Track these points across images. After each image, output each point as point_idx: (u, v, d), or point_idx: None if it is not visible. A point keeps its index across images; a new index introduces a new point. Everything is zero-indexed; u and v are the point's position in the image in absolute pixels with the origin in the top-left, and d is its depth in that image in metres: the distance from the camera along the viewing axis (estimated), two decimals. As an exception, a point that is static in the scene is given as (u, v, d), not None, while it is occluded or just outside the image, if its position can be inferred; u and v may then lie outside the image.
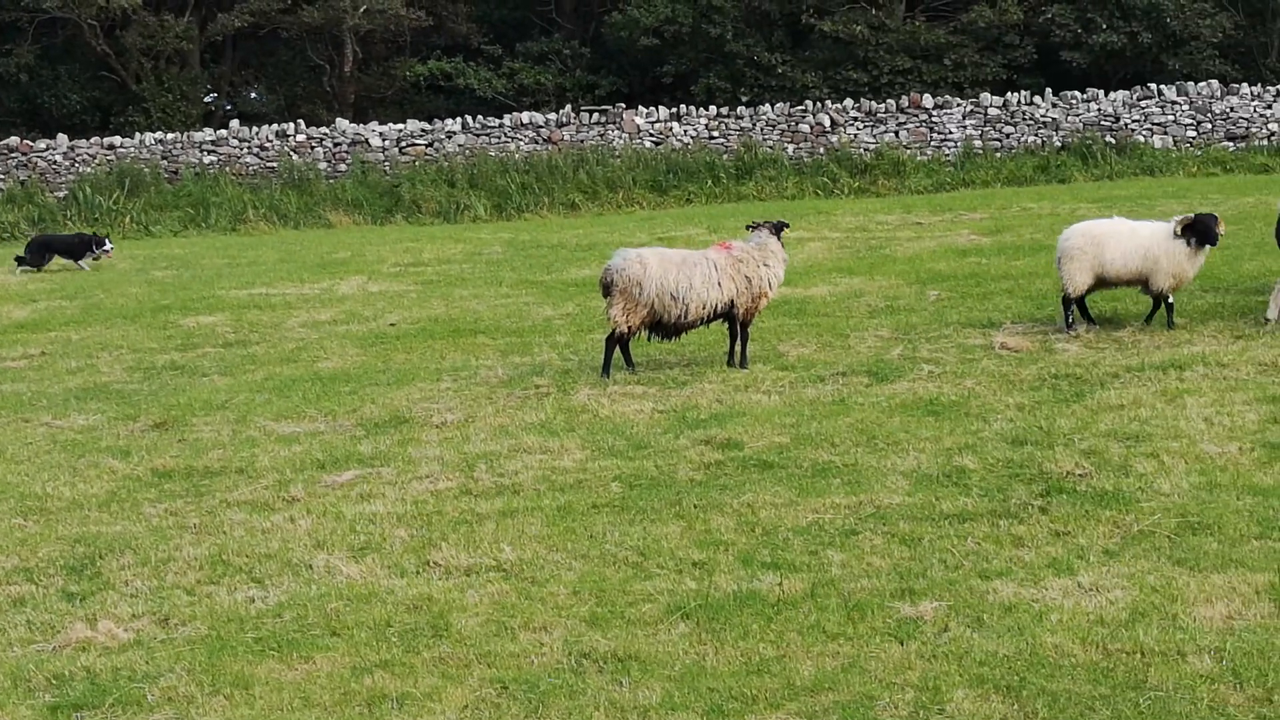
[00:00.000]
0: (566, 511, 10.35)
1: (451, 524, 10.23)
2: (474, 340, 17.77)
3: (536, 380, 14.96)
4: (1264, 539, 8.92)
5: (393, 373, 15.99)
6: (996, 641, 7.60)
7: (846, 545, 9.29)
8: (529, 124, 40.14)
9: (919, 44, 45.11)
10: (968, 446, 11.37)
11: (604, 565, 9.19)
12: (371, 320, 19.89)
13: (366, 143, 39.96)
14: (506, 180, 37.95)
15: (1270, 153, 37.93)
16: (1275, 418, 11.65)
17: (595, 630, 8.11)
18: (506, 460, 11.85)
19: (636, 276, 14.57)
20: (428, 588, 8.93)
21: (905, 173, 38.02)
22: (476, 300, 21.24)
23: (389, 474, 11.68)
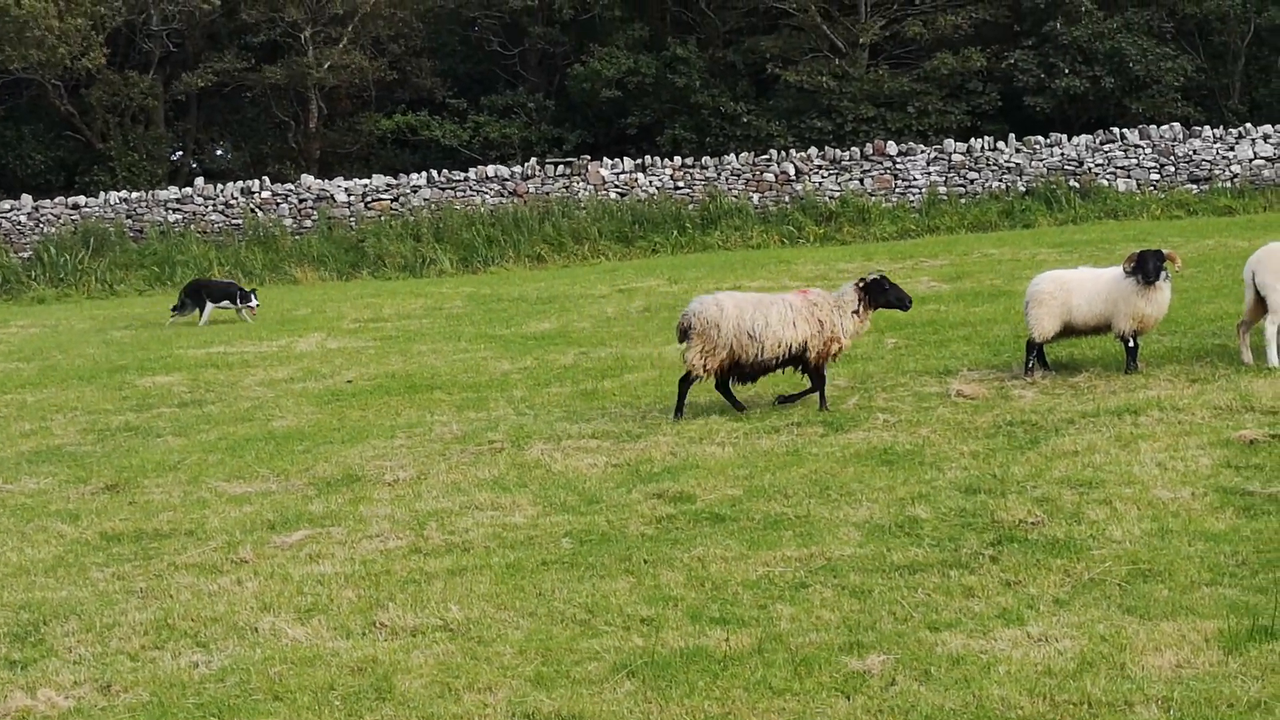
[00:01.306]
0: (516, 569, 10.26)
1: (399, 583, 10.13)
2: (430, 396, 17.70)
3: (491, 436, 14.89)
4: (1214, 585, 8.87)
5: (347, 430, 15.90)
6: (943, 695, 7.52)
7: (796, 599, 9.21)
8: (494, 177, 40.14)
9: (883, 92, 45.29)
10: (921, 496, 11.31)
11: (551, 623, 9.09)
12: (328, 377, 19.80)
13: (332, 198, 39.92)
14: (472, 234, 37.93)
15: (1233, 195, 38.05)
16: (1229, 462, 11.61)
17: (540, 690, 8.01)
18: (457, 518, 11.77)
19: (714, 318, 14.78)
20: (373, 649, 8.82)
21: (870, 220, 38.05)
22: (435, 355, 21.18)
23: (339, 533, 11.58)
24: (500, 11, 49.03)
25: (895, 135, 43.44)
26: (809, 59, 45.96)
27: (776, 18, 47.56)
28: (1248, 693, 7.23)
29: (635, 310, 24.86)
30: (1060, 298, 15.56)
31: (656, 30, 49.16)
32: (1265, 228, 30.00)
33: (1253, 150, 39.21)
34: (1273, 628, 7.96)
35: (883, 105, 45.35)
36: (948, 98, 45.83)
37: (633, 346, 20.57)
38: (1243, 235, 28.40)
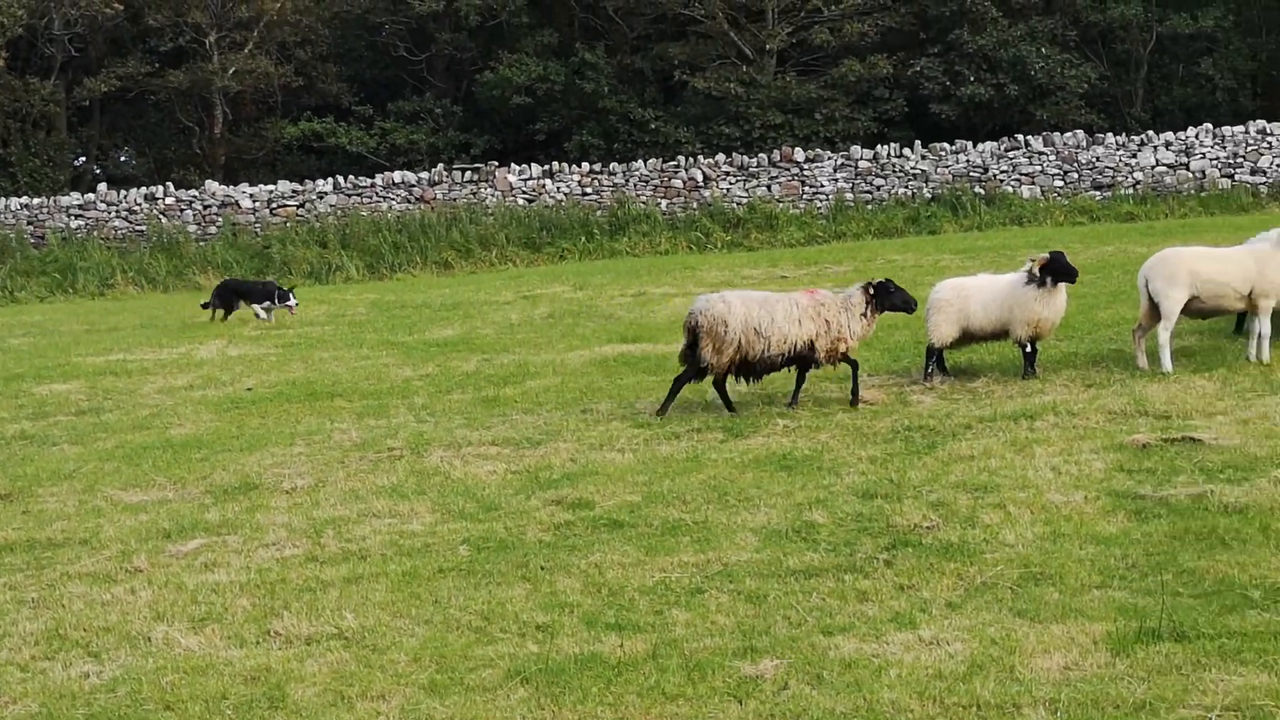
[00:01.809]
0: (412, 576, 10.20)
1: (295, 592, 10.05)
2: (330, 403, 17.60)
3: (390, 443, 14.82)
4: (1104, 588, 8.94)
5: (246, 438, 15.78)
6: (834, 699, 7.53)
7: (692, 604, 9.20)
8: (401, 183, 40.02)
9: (790, 99, 45.46)
10: (818, 501, 11.34)
11: (446, 630, 9.05)
12: (228, 385, 19.64)
13: (237, 204, 39.67)
14: (379, 240, 37.81)
15: (1136, 201, 38.44)
16: (1121, 466, 11.72)
17: (433, 697, 7.97)
18: (355, 525, 11.69)
19: (721, 315, 14.88)
20: (266, 658, 8.75)
21: (778, 226, 38.19)
22: (336, 362, 21.08)
23: (235, 542, 11.47)
24: (407, 17, 48.86)
25: (803, 142, 43.64)
26: (717, 66, 46.08)
27: (684, 24, 47.64)
28: (1134, 694, 7.28)
29: (540, 317, 24.83)
30: (958, 304, 15.69)
31: (565, 37, 49.14)
32: (1165, 234, 30.33)
33: (1155, 157, 39.63)
34: (1159, 629, 8.02)
35: (790, 112, 45.52)
36: (855, 105, 46.07)
37: (536, 353, 20.54)
38: (1143, 241, 28.71)
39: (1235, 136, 39.84)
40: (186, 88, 47.89)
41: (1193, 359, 16.09)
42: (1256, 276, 15.29)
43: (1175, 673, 7.51)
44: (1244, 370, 15.25)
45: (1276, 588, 8.67)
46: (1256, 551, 9.33)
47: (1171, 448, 12.18)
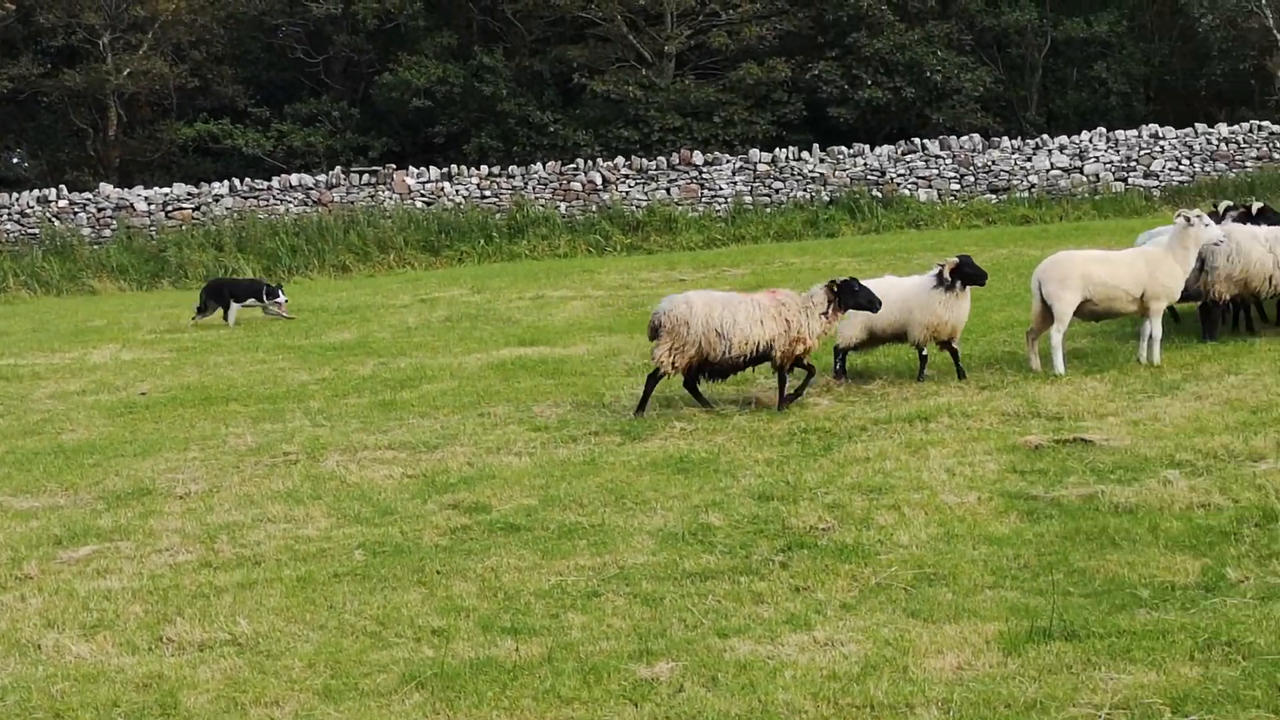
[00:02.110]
0: (307, 582, 10.13)
1: (188, 598, 9.96)
2: (226, 408, 17.45)
3: (286, 447, 14.72)
4: (997, 588, 9.01)
5: (139, 443, 15.61)
6: (729, 701, 7.55)
7: (588, 607, 9.20)
8: (298, 186, 39.79)
9: (689, 102, 45.56)
10: (715, 504, 11.36)
11: (341, 636, 8.99)
12: (122, 390, 19.43)
13: (132, 207, 39.28)
14: (276, 243, 37.55)
15: (1031, 204, 38.86)
16: (1014, 467, 11.82)
17: (328, 703, 7.92)
18: (249, 530, 11.61)
19: (684, 316, 14.84)
20: (159, 665, 8.66)
21: (677, 229, 38.27)
22: (231, 366, 20.91)
23: (128, 548, 11.35)
24: (304, 19, 48.60)
25: (702, 145, 43.74)
26: (616, 69, 46.12)
27: (583, 27, 47.63)
28: (1025, 693, 7.34)
29: (437, 320, 24.75)
30: None
31: (463, 39, 49.02)
32: (1059, 237, 30.67)
33: (1049, 161, 40.08)
34: (1051, 629, 8.09)
35: (689, 115, 45.62)
36: (753, 108, 46.23)
37: (433, 357, 20.47)
38: (1037, 244, 29.00)
39: (1128, 140, 40.35)
40: (80, 89, 47.29)
41: (1084, 361, 16.26)
42: (1148, 279, 15.48)
43: (1066, 672, 7.58)
44: (1134, 372, 15.43)
45: (1165, 587, 8.77)
46: (1146, 551, 9.44)
47: (1063, 449, 12.30)
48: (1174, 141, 40.33)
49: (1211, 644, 7.77)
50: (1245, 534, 9.65)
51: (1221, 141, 40.35)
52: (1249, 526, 9.78)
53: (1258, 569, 8.99)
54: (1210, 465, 11.42)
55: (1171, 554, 9.36)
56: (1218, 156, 40.19)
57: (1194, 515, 10.15)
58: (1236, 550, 9.37)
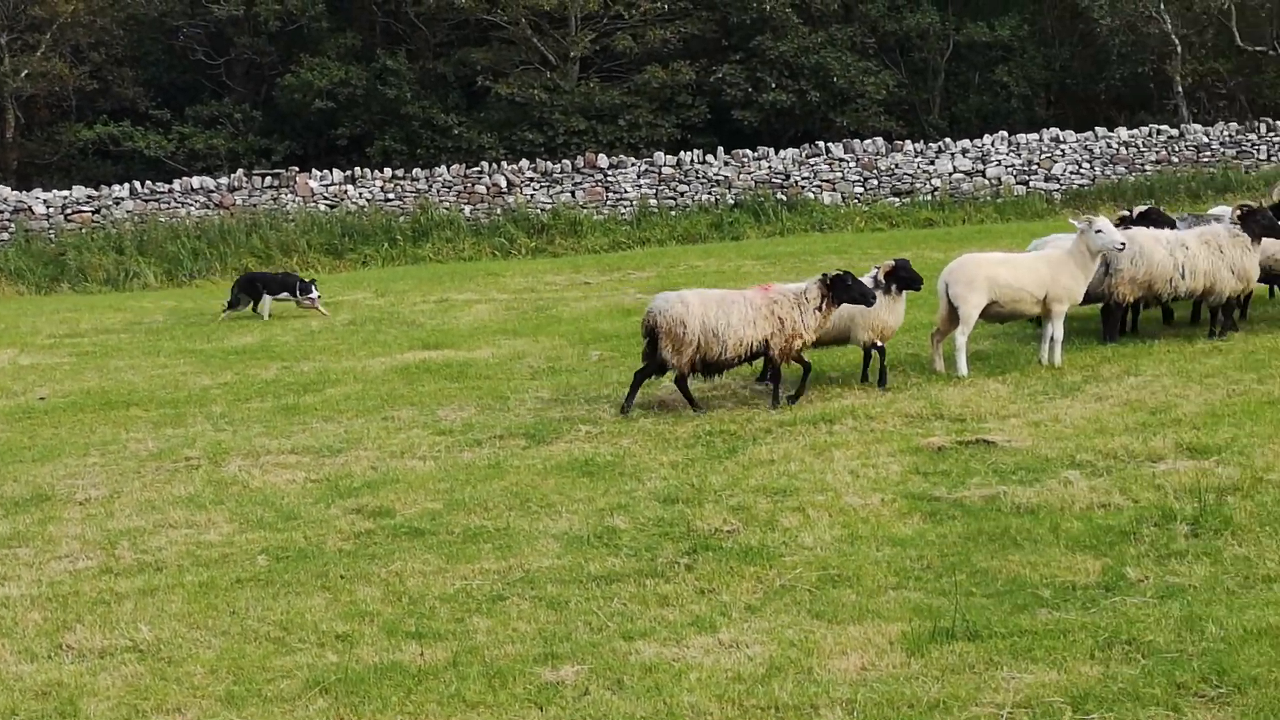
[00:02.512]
0: (209, 587, 10.06)
1: (88, 604, 9.86)
2: (126, 413, 17.26)
3: (188, 452, 14.59)
4: (900, 589, 9.07)
5: (38, 449, 15.42)
6: (634, 703, 7.56)
7: (493, 611, 9.19)
8: (200, 189, 39.43)
9: (594, 105, 45.55)
10: (620, 506, 11.38)
11: (244, 641, 8.94)
12: (20, 395, 19.17)
13: (30, 210, 38.75)
14: (177, 246, 37.14)
15: (934, 207, 39.11)
16: (917, 468, 11.91)
17: (231, 709, 7.88)
18: (150, 536, 11.50)
19: (680, 316, 14.73)
20: (58, 672, 8.57)
21: (582, 232, 38.25)
22: (132, 371, 20.68)
23: (26, 554, 11.23)
24: (205, 21, 48.18)
25: (606, 148, 43.73)
26: (520, 71, 46.04)
27: (487, 30, 47.51)
28: (928, 693, 7.39)
29: (341, 324, 24.61)
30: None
31: (366, 41, 48.78)
32: (962, 240, 30.89)
33: (952, 164, 40.36)
34: (953, 629, 8.15)
35: (594, 118, 45.61)
36: (658, 111, 46.28)
37: (336, 360, 20.35)
38: (940, 247, 29.18)
39: (1030, 144, 40.70)
40: (-23, 90, 46.76)
41: (986, 363, 16.39)
42: (1050, 282, 15.63)
43: (968, 671, 7.64)
44: (1036, 374, 15.56)
45: (1066, 586, 8.86)
46: (1047, 551, 9.52)
47: (966, 450, 12.40)
48: (1074, 145, 40.71)
49: (1111, 643, 7.86)
50: (1144, 534, 9.76)
51: (1121, 145, 40.77)
52: (1148, 526, 9.89)
53: (1157, 568, 9.09)
54: (1110, 466, 11.54)
55: (1072, 554, 9.45)
56: (1117, 160, 40.61)
57: (1094, 515, 10.25)
58: (1136, 550, 9.47)
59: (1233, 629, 7.85)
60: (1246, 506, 10.11)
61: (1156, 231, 17.08)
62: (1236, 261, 16.41)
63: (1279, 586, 8.55)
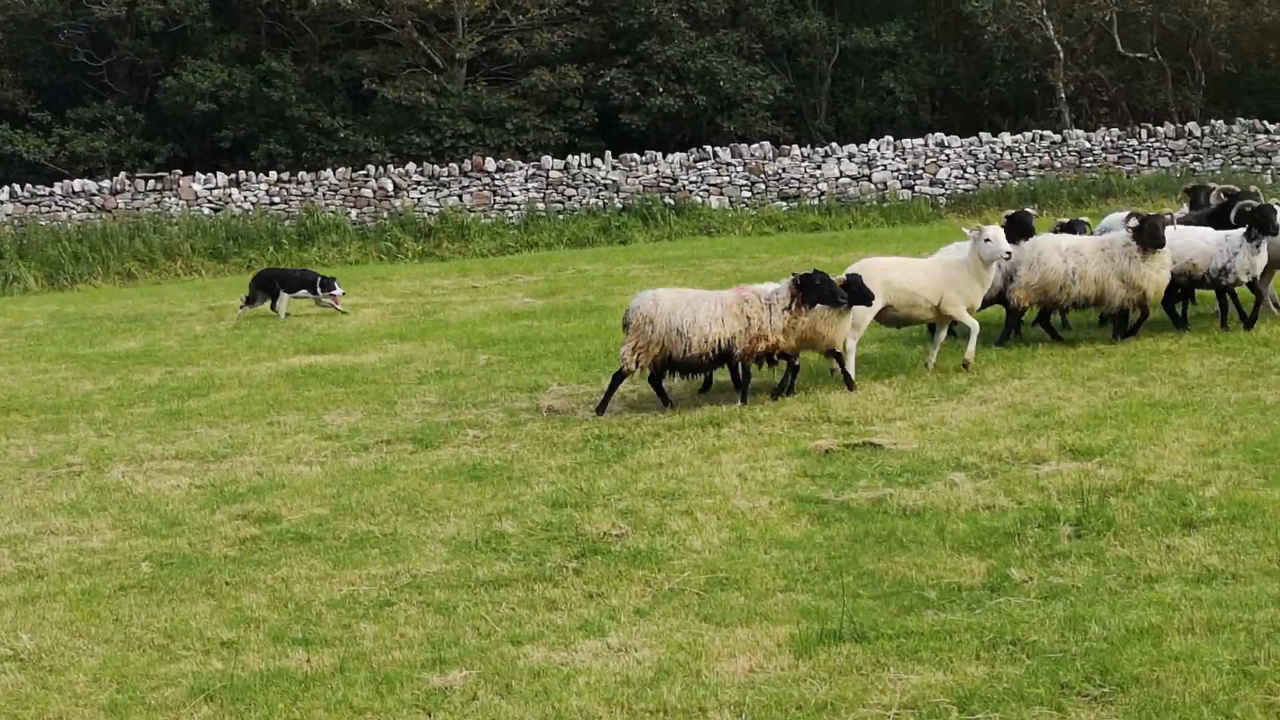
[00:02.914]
0: (92, 595, 9.94)
1: (-33, 613, 9.72)
2: (7, 419, 16.99)
3: (70, 458, 14.41)
4: (788, 591, 9.10)
5: (-86, 457, 15.19)
6: (523, 708, 7.54)
7: (380, 617, 9.14)
8: (82, 192, 38.99)
9: (481, 108, 45.42)
10: (508, 511, 11.35)
11: (128, 649, 8.84)
12: (-103, 401, 18.89)
13: (-94, 213, 38.17)
14: (59, 250, 36.63)
15: (821, 212, 39.32)
16: (805, 471, 11.95)
17: (114, 718, 7.80)
18: (31, 544, 11.35)
19: (649, 314, 14.66)
20: (-64, 682, 8.44)
21: (470, 236, 38.16)
22: (12, 376, 20.37)
23: (-96, 563, 11.05)
24: (86, 22, 47.51)
25: (494, 151, 43.65)
26: (407, 74, 45.83)
27: (373, 33, 47.28)
28: (816, 695, 7.42)
29: (225, 328, 24.38)
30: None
31: (251, 43, 48.39)
32: (849, 243, 31.11)
33: (839, 169, 40.62)
34: (841, 631, 8.19)
35: (481, 121, 45.49)
36: (545, 114, 46.23)
37: (221, 365, 20.15)
38: (826, 251, 29.35)
39: (915, 149, 41.04)
40: None
41: (873, 366, 16.49)
42: (944, 287, 15.76)
43: (856, 673, 7.67)
44: (921, 377, 15.69)
45: (952, 588, 8.92)
46: (933, 553, 9.59)
47: (853, 453, 12.47)
48: (959, 150, 41.09)
49: (997, 643, 7.92)
50: (1029, 535, 9.85)
51: (1005, 150, 41.20)
52: (1032, 527, 9.99)
53: (1041, 569, 9.18)
54: (995, 468, 11.64)
55: (958, 555, 9.52)
56: (1001, 165, 41.02)
57: (979, 517, 10.34)
58: (1020, 551, 9.56)
59: (1115, 629, 7.94)
60: (1128, 507, 10.23)
61: (1058, 238, 17.28)
62: (1126, 271, 16.52)
63: (1160, 586, 8.66)
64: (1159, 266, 16.53)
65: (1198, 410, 13.13)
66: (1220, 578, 8.77)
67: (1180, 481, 10.80)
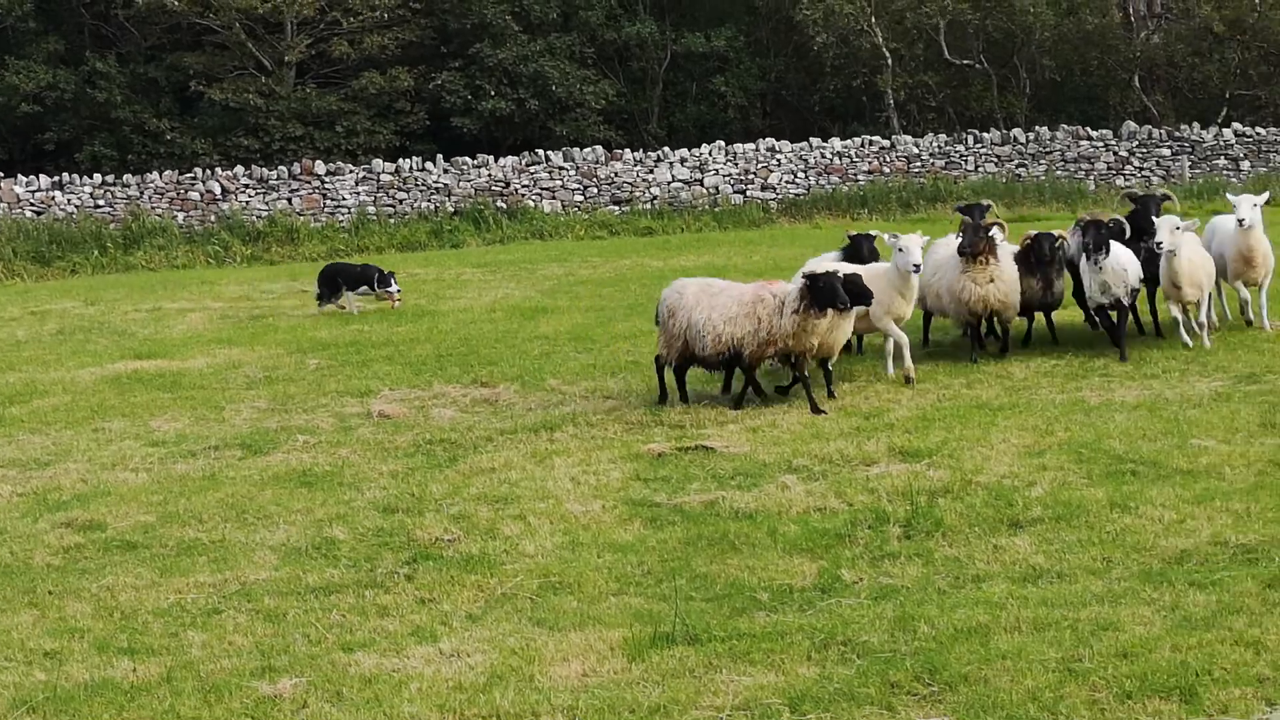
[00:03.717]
0: (-91, 607, 9.71)
1: None
2: None
3: (-115, 468, 14.07)
4: (621, 595, 9.12)
5: None
6: (354, 715, 7.49)
7: (208, 625, 9.03)
8: (-101, 194, 38.10)
9: (311, 111, 44.99)
10: (339, 517, 11.26)
11: (-53, 662, 8.64)
12: None
13: None
14: (-127, 254, 35.81)
15: (653, 216, 39.43)
16: (638, 475, 11.99)
17: (-68, 732, 7.61)
18: None
19: (674, 306, 14.42)
20: None
21: (299, 240, 37.84)
22: None
23: None
24: (-99, 22, 46.51)
25: (324, 154, 43.25)
26: (234, 76, 45.26)
27: (200, 34, 46.62)
28: (649, 698, 7.43)
29: (48, 333, 23.89)
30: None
31: (74, 44, 47.53)
32: (681, 248, 31.28)
33: (670, 173, 40.77)
34: (673, 634, 8.22)
35: (311, 124, 45.05)
36: (376, 117, 45.88)
37: (44, 371, 19.73)
38: (659, 255, 29.51)
39: (746, 154, 41.30)
40: None
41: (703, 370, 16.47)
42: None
43: (688, 675, 7.70)
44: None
45: (784, 589, 8.99)
46: (765, 555, 9.66)
47: (686, 456, 12.53)
48: (790, 155, 41.42)
49: (828, 644, 7.99)
50: (859, 536, 9.96)
51: (835, 155, 41.60)
52: (862, 529, 10.09)
53: (871, 570, 9.28)
54: (826, 470, 11.75)
55: (789, 557, 9.60)
56: (831, 170, 41.42)
57: (810, 519, 10.43)
58: (851, 552, 9.66)
59: (944, 628, 8.04)
60: (956, 508, 10.37)
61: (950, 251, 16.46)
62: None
63: (988, 586, 8.78)
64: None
65: (1024, 412, 13.34)
66: (1046, 577, 8.92)
67: (1007, 482, 10.97)
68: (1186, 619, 7.96)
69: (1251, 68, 45.69)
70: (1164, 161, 41.55)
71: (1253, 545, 9.16)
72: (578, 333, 19.32)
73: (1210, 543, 9.30)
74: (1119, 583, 8.67)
